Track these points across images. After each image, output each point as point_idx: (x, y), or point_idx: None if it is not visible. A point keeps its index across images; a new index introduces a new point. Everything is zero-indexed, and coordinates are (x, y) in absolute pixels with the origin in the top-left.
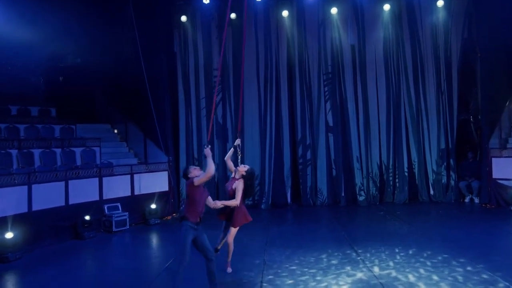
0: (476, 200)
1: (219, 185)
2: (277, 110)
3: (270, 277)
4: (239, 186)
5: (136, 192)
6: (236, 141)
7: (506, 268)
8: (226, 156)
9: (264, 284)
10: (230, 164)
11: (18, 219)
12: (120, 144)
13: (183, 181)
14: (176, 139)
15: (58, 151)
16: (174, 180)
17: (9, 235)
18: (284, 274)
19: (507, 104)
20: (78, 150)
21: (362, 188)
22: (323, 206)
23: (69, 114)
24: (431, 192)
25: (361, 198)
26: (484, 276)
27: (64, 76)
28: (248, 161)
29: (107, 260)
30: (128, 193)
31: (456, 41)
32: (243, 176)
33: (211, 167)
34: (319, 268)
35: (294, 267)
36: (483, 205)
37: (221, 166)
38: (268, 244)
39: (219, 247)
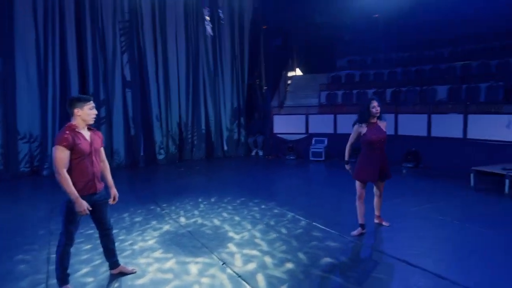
0: (261, 153)
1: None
2: (62, 59)
3: None
4: None
5: None
6: None
7: (290, 203)
8: None
9: (52, 256)
10: None
11: None
12: None
13: None
14: None
15: None
16: None
17: None
18: (79, 240)
19: (283, 73)
20: None
21: (162, 146)
22: (120, 168)
23: None
24: (225, 147)
25: (160, 157)
26: (275, 211)
27: None
28: (24, 119)
29: None
30: None
31: (248, 8)
32: None
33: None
34: (122, 228)
35: (91, 231)
36: (266, 156)
37: None
38: (54, 212)
39: None
